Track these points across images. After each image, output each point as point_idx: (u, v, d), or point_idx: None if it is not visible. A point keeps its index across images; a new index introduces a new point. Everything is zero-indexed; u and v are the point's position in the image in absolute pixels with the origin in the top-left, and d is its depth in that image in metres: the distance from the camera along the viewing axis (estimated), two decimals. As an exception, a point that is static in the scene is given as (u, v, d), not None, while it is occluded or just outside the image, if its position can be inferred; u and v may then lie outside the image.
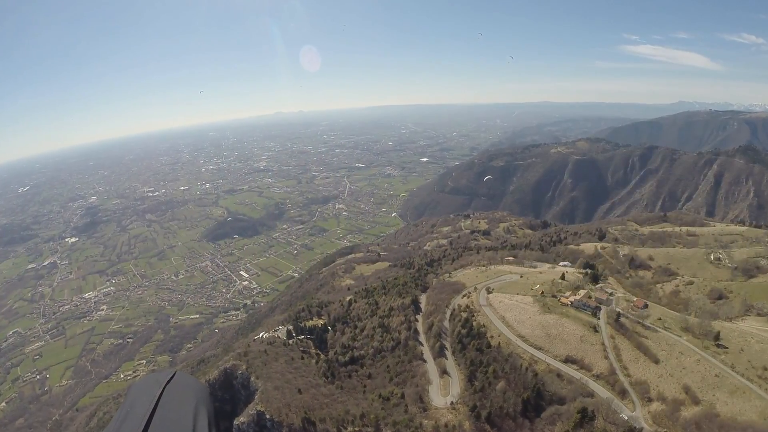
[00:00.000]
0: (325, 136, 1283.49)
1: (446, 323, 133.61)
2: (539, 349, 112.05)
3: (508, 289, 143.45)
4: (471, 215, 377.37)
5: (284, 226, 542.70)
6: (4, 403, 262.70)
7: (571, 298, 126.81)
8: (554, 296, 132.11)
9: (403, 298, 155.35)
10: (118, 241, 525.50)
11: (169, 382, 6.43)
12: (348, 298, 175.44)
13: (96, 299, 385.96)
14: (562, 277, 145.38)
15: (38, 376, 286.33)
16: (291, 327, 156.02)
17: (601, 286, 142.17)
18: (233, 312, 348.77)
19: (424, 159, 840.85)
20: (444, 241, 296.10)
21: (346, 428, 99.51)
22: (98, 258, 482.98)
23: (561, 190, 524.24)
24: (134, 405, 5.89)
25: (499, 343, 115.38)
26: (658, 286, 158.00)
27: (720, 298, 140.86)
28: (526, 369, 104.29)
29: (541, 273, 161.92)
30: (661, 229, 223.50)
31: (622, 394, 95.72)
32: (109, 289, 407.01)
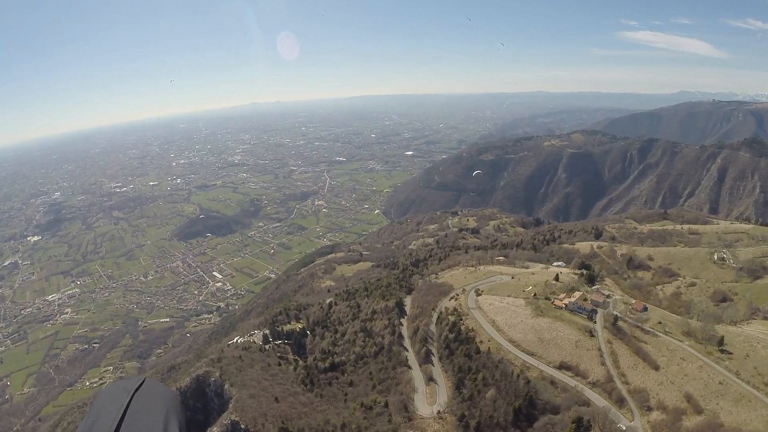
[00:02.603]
0: (304, 128, 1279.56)
1: (433, 327, 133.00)
2: (532, 354, 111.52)
3: (499, 291, 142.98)
4: (459, 212, 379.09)
5: (260, 224, 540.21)
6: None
7: (566, 301, 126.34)
8: (548, 298, 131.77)
9: (387, 300, 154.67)
10: (84, 239, 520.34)
11: (137, 389, 6.29)
12: (328, 301, 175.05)
13: (60, 302, 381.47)
14: (556, 278, 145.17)
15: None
16: (267, 331, 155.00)
17: (597, 288, 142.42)
18: (206, 315, 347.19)
19: (409, 152, 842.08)
20: (430, 240, 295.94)
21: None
22: (62, 258, 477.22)
23: (555, 186, 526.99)
24: (101, 414, 5.83)
25: (489, 348, 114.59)
26: (658, 287, 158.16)
27: (724, 300, 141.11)
28: (518, 376, 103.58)
29: (533, 274, 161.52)
30: (661, 227, 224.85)
31: (620, 402, 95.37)
32: (74, 290, 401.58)
